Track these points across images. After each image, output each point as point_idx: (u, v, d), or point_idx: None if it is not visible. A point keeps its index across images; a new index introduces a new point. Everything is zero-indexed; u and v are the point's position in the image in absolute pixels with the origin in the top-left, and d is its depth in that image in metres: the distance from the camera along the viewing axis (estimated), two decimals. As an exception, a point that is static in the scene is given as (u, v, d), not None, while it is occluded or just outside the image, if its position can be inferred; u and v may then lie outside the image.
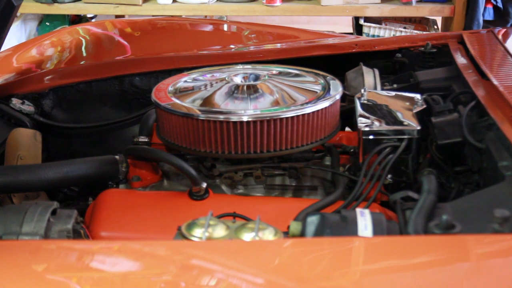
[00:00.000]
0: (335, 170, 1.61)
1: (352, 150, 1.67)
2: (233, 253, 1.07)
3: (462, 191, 1.48)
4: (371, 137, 1.53)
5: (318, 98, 1.57)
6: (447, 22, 4.06)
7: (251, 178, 1.65)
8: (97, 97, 2.12)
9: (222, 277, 1.00)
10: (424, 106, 1.62)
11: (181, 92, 1.65)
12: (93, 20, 4.51)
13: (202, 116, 1.50)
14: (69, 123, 2.07)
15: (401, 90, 1.77)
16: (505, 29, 2.18)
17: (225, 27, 2.72)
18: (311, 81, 1.70)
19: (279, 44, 2.34)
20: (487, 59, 1.80)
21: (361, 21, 4.06)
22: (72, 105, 2.11)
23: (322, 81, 1.69)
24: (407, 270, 1.03)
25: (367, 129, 1.53)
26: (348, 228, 1.14)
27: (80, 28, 2.63)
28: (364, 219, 1.15)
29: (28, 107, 1.96)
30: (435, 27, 4.13)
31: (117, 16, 4.16)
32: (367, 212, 1.18)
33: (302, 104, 1.53)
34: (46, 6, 4.04)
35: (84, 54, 2.36)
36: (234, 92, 1.61)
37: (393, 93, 1.73)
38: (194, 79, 1.76)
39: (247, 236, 1.15)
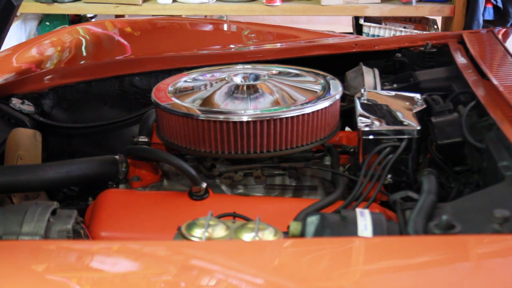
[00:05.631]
0: (335, 170, 1.61)
1: (352, 150, 1.67)
2: (233, 253, 1.06)
3: (462, 191, 1.48)
4: (371, 137, 1.53)
5: (318, 98, 1.57)
6: (447, 22, 4.06)
7: (251, 178, 1.65)
8: (97, 97, 2.12)
9: (222, 277, 1.00)
10: (424, 106, 1.62)
11: (181, 92, 1.65)
12: (93, 20, 4.51)
13: (202, 116, 1.49)
14: (69, 123, 2.07)
15: (401, 90, 1.77)
16: (505, 29, 2.18)
17: (225, 27, 2.72)
18: (311, 81, 1.70)
19: (279, 44, 2.34)
20: (487, 59, 1.80)
21: (361, 21, 4.06)
22: (72, 105, 2.10)
23: (322, 81, 1.68)
24: (407, 270, 1.03)
25: (367, 129, 1.53)
26: (348, 228, 1.14)
27: (80, 27, 2.63)
28: (364, 219, 1.15)
29: (28, 107, 1.96)
30: (435, 26, 4.13)
31: (117, 16, 4.16)
32: (367, 212, 1.18)
33: (302, 104, 1.53)
34: (46, 6, 4.04)
35: (84, 54, 2.36)
36: (234, 92, 1.61)
37: (393, 93, 1.73)
38: (194, 79, 1.76)
39: (247, 236, 1.15)
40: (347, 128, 1.92)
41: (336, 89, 1.62)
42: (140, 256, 1.08)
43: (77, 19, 4.45)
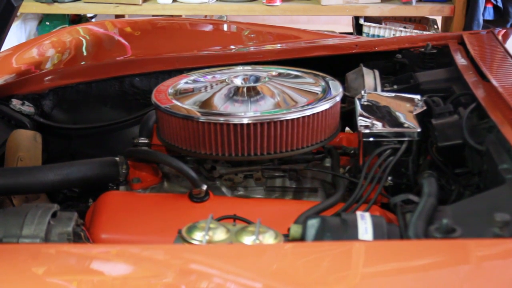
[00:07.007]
0: (335, 172, 1.61)
1: (352, 152, 1.67)
2: (233, 257, 1.06)
3: (462, 194, 1.48)
4: (371, 139, 1.53)
5: (319, 100, 1.56)
6: (447, 21, 4.06)
7: (251, 180, 1.64)
8: (97, 98, 2.12)
9: (221, 281, 1.00)
10: (425, 108, 1.62)
11: (181, 94, 1.65)
12: (93, 20, 4.51)
13: (202, 118, 1.49)
14: (69, 124, 2.07)
15: (401, 91, 1.77)
16: (505, 30, 2.18)
17: (225, 27, 2.72)
18: (311, 82, 1.70)
19: (279, 45, 2.33)
20: (487, 60, 1.79)
21: (361, 21, 4.06)
22: (72, 106, 2.10)
23: (322, 82, 1.68)
24: (407, 274, 1.03)
25: (367, 131, 1.52)
26: (349, 231, 1.14)
27: (80, 28, 2.63)
28: (364, 223, 1.15)
29: (28, 108, 1.96)
30: (435, 26, 4.12)
31: (117, 16, 4.16)
32: (367, 215, 1.18)
33: (302, 106, 1.53)
34: (46, 6, 4.03)
35: (84, 54, 2.36)
36: (235, 94, 1.60)
37: (393, 94, 1.73)
38: (194, 81, 1.76)
39: (247, 239, 1.14)
40: (347, 129, 1.92)
41: (337, 91, 1.62)
42: (139, 260, 1.08)
43: (77, 19, 4.45)
